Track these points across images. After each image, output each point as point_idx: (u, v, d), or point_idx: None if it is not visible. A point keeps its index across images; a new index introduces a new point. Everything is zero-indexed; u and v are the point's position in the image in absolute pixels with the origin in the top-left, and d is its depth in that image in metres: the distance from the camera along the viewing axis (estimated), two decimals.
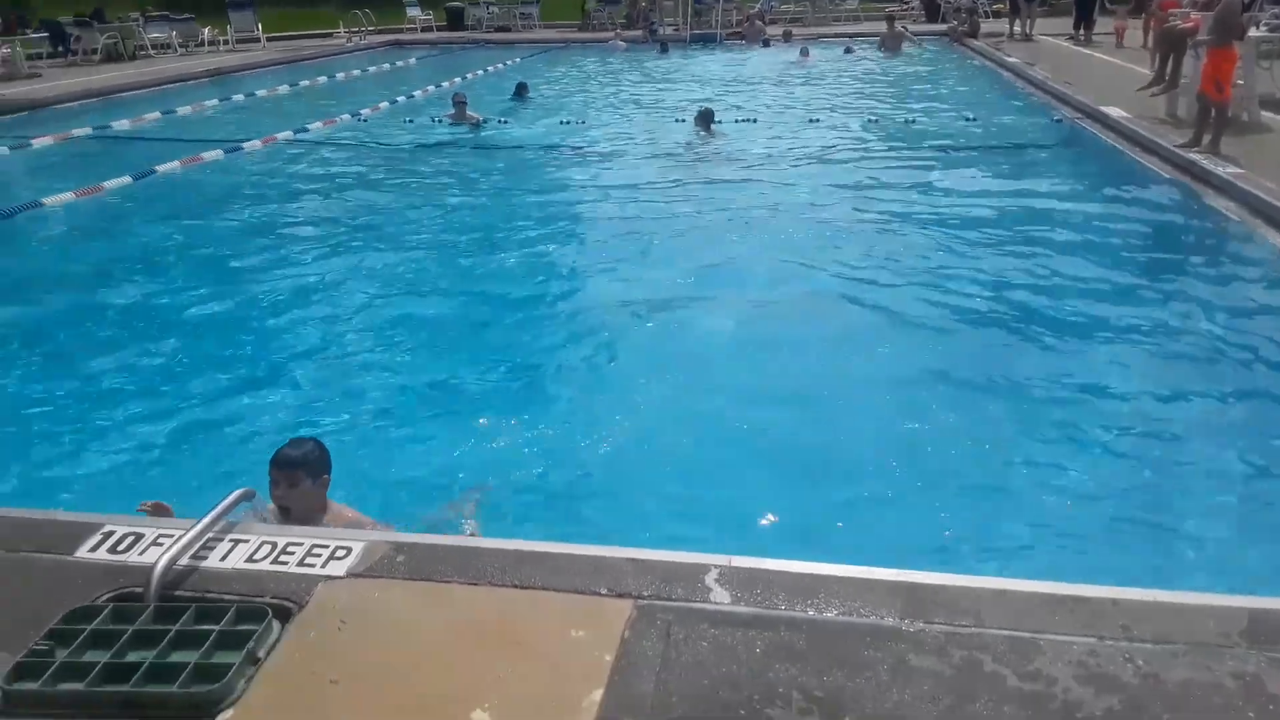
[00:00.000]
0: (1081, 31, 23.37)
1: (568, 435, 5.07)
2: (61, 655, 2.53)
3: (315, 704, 2.41)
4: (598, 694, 2.39)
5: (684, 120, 15.01)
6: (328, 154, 13.60)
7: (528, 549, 3.03)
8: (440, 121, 15.42)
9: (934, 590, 2.79)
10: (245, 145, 13.57)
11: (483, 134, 14.71)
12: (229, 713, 2.39)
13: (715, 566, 2.88)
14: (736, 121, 14.87)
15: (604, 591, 2.80)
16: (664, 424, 5.17)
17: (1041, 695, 2.39)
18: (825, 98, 17.59)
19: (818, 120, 15.07)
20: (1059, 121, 14.23)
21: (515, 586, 2.85)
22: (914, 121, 14.79)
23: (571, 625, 2.67)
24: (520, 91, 18.04)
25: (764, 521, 4.15)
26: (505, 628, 2.68)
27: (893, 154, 12.59)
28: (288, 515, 3.72)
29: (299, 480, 3.64)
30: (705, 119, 14.15)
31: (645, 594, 2.78)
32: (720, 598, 2.76)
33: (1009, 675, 2.46)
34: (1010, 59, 20.25)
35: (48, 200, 10.40)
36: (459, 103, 15.36)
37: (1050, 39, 23.74)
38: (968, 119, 14.72)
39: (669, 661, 2.50)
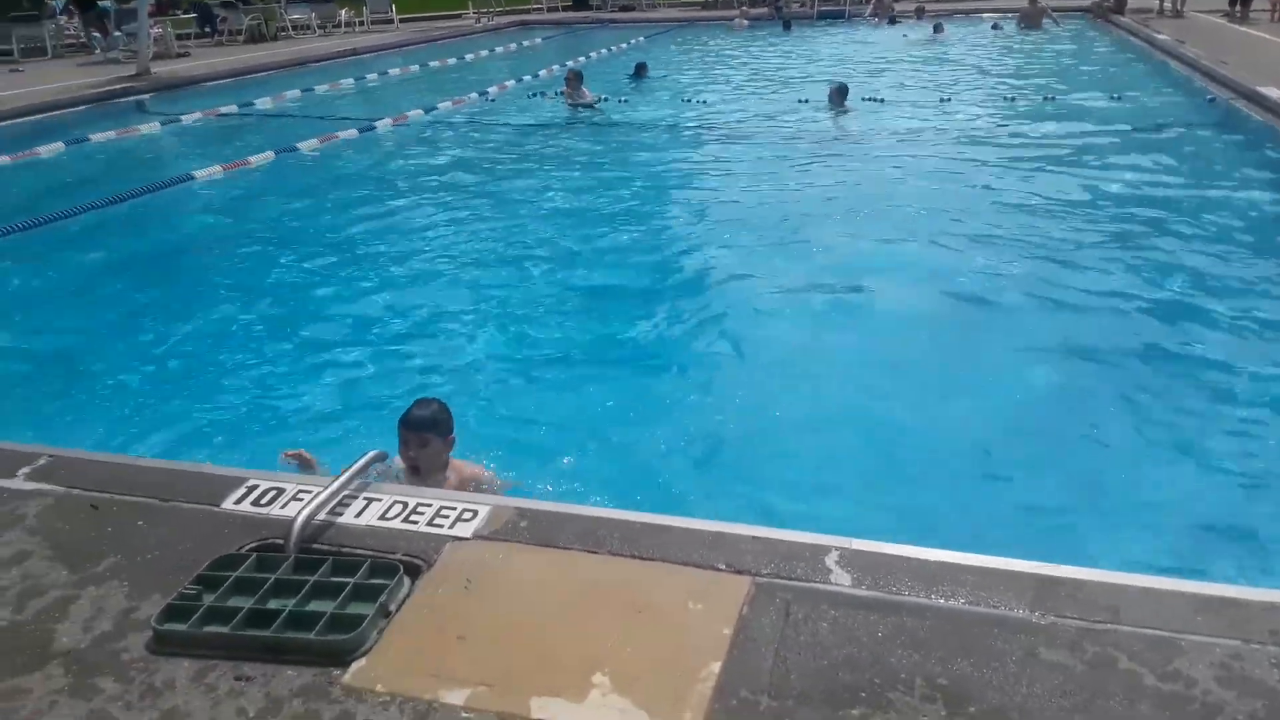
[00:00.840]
0: (1237, 7, 21.98)
1: (685, 411, 5.10)
2: (208, 600, 2.69)
3: (443, 658, 2.49)
4: (716, 666, 2.40)
5: (808, 101, 14.76)
6: (455, 133, 13.92)
7: (648, 521, 3.06)
8: (553, 98, 15.33)
9: (1069, 584, 2.69)
10: (378, 124, 14.01)
11: (602, 114, 14.76)
12: (361, 661, 2.49)
13: (836, 548, 2.85)
14: (864, 100, 14.55)
15: (723, 567, 2.80)
16: (783, 405, 5.13)
17: (1180, 696, 2.28)
18: (959, 76, 17.05)
19: (950, 99, 14.61)
20: (1212, 102, 13.43)
21: (635, 557, 2.88)
22: (1053, 99, 14.18)
23: (690, 597, 2.68)
24: (640, 71, 18.04)
25: (883, 506, 4.08)
26: (624, 596, 2.71)
27: (1031, 135, 12.12)
28: (417, 473, 3.86)
29: (429, 440, 3.81)
30: (840, 94, 13.86)
31: (764, 571, 2.77)
32: (841, 579, 2.72)
33: (1145, 674, 2.35)
34: (1160, 36, 19.20)
35: (199, 173, 10.97)
36: (572, 80, 15.19)
37: (1203, 15, 22.37)
38: (1113, 99, 14.03)
39: (787, 639, 2.49)
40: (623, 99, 15.77)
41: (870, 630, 2.51)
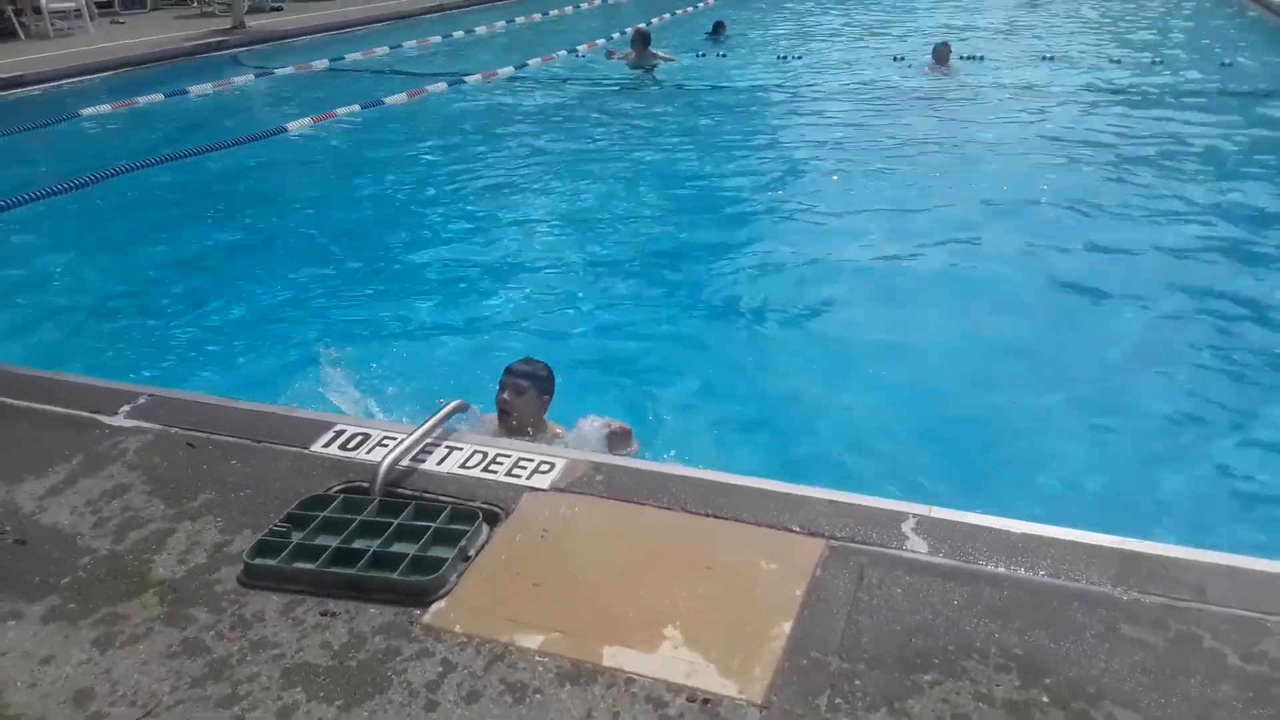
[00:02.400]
0: None
1: (766, 374, 5.08)
2: (297, 537, 2.79)
3: (519, 604, 2.55)
4: (787, 625, 2.41)
5: (903, 59, 14.37)
6: (544, 90, 13.92)
7: (722, 480, 3.07)
8: (616, 59, 14.57)
9: (1153, 561, 2.62)
10: (467, 79, 14.09)
11: (678, 74, 14.51)
12: (441, 603, 2.56)
13: (914, 515, 2.82)
14: (963, 59, 14.11)
15: (796, 528, 2.80)
16: (866, 374, 5.07)
17: (1265, 678, 2.22)
18: (1061, 34, 16.36)
19: (1052, 58, 14.06)
20: None
21: (708, 515, 2.89)
22: (1160, 63, 13.56)
23: (762, 557, 2.69)
24: (718, 30, 17.65)
25: (962, 475, 4.02)
26: (697, 553, 2.73)
27: (1135, 98, 11.61)
28: (506, 420, 3.94)
29: (525, 390, 3.92)
30: (943, 53, 13.44)
31: (839, 535, 2.76)
32: (917, 546, 2.70)
33: (1229, 654, 2.29)
34: None
35: (290, 125, 11.21)
36: (638, 42, 14.33)
37: None
38: (1224, 64, 13.36)
39: (860, 602, 2.49)
40: (700, 54, 15.49)
41: (946, 598, 2.49)
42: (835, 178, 8.94)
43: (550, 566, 2.70)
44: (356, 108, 12.12)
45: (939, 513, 2.83)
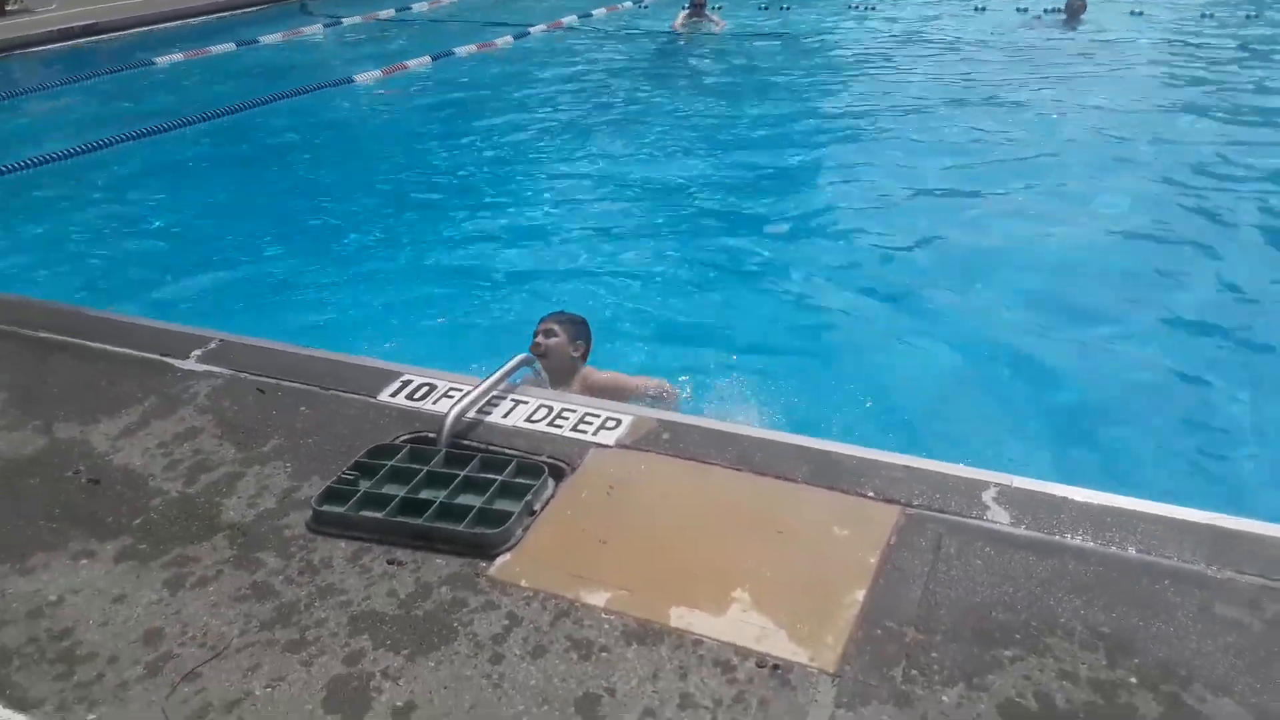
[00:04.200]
0: None
1: (836, 338, 4.95)
2: (365, 485, 2.78)
3: (585, 559, 2.51)
4: (860, 593, 2.34)
5: (1026, 10, 13.81)
6: (610, 39, 13.76)
7: (793, 441, 2.98)
8: (671, 27, 13.79)
9: (1248, 539, 2.48)
10: (532, 29, 13.97)
11: (748, 25, 14.11)
12: (506, 556, 2.54)
13: (995, 484, 2.71)
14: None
15: (871, 494, 2.71)
16: (942, 339, 4.91)
17: None
18: None
19: (1212, 15, 13.34)
20: None
21: (779, 477, 2.81)
22: None
23: (835, 522, 2.61)
24: None
25: (1045, 448, 3.87)
26: (766, 515, 2.66)
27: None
28: (544, 364, 3.95)
29: (555, 331, 4.00)
30: (1076, 9, 12.82)
31: (915, 502, 2.66)
32: (999, 517, 2.59)
33: None
34: None
35: (359, 76, 11.23)
36: (697, 7, 13.60)
37: None
38: None
39: (938, 573, 2.40)
40: (764, 6, 15.06)
41: (1028, 571, 2.39)
42: (916, 136, 8.64)
43: (616, 523, 2.66)
44: (427, 59, 12.10)
45: (1021, 482, 2.72)
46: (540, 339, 4.10)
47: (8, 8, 14.44)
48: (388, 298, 5.40)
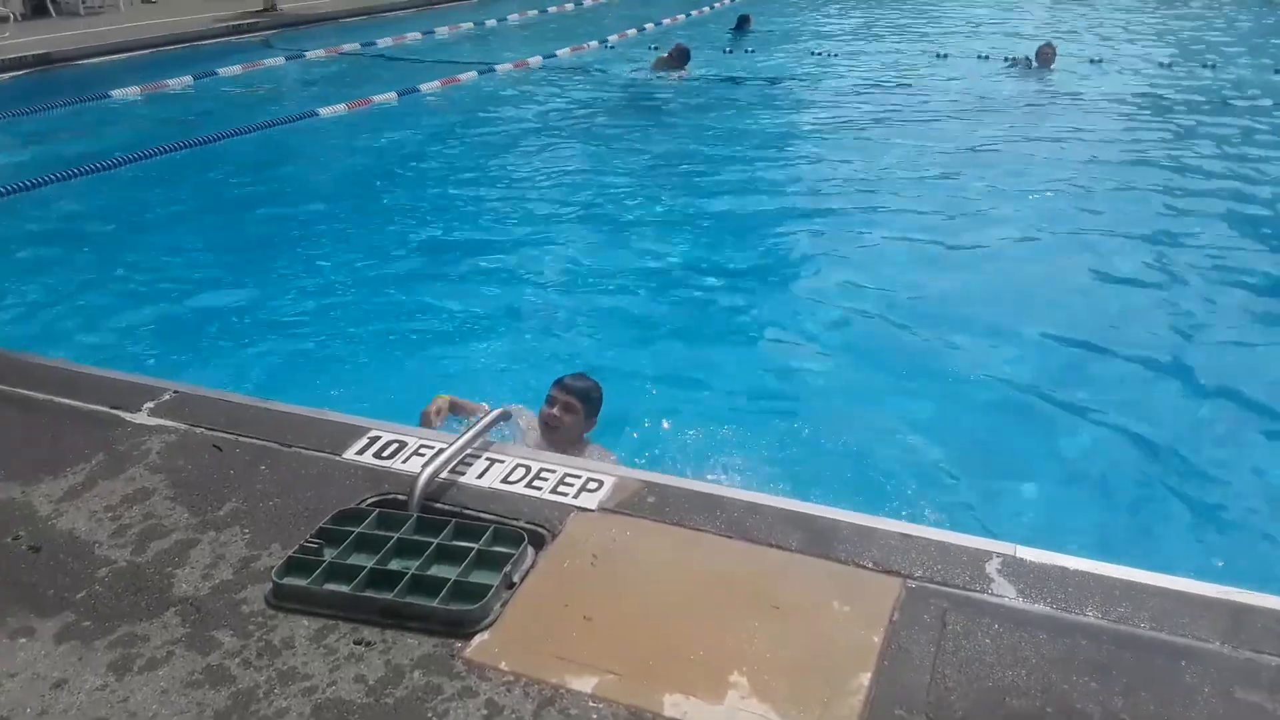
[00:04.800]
0: None
1: (822, 397, 4.80)
2: (330, 555, 2.59)
3: (569, 638, 2.34)
4: (865, 677, 2.19)
5: (989, 57, 14.04)
6: (575, 80, 13.73)
7: (786, 507, 2.84)
8: (642, 69, 13.74)
9: (1266, 615, 2.38)
10: (498, 68, 13.90)
11: (711, 69, 14.15)
12: (485, 635, 2.36)
13: (998, 554, 2.59)
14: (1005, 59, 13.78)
15: (870, 565, 2.58)
16: (932, 399, 4.78)
17: None
18: (1162, 37, 15.81)
19: (1170, 65, 13.58)
20: None
21: (773, 545, 2.67)
22: (1213, 65, 13.22)
23: (834, 597, 2.47)
24: (742, 24, 17.28)
25: (1047, 513, 3.76)
26: (761, 589, 2.51)
27: (1260, 115, 11.09)
28: (548, 435, 3.75)
29: (576, 409, 3.74)
30: (1046, 56, 13.03)
31: (916, 574, 2.53)
32: (1004, 590, 2.47)
33: None
34: None
35: (323, 110, 11.04)
36: (675, 56, 13.41)
37: None
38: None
39: (945, 653, 2.26)
40: (728, 50, 15.09)
41: (1040, 651, 2.26)
42: (892, 183, 8.58)
43: (602, 597, 2.49)
44: (392, 95, 11.95)
45: (1025, 553, 2.60)
46: (558, 412, 3.80)
47: None
48: (351, 343, 5.21)
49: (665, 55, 13.88)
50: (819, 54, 15.30)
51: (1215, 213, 7.58)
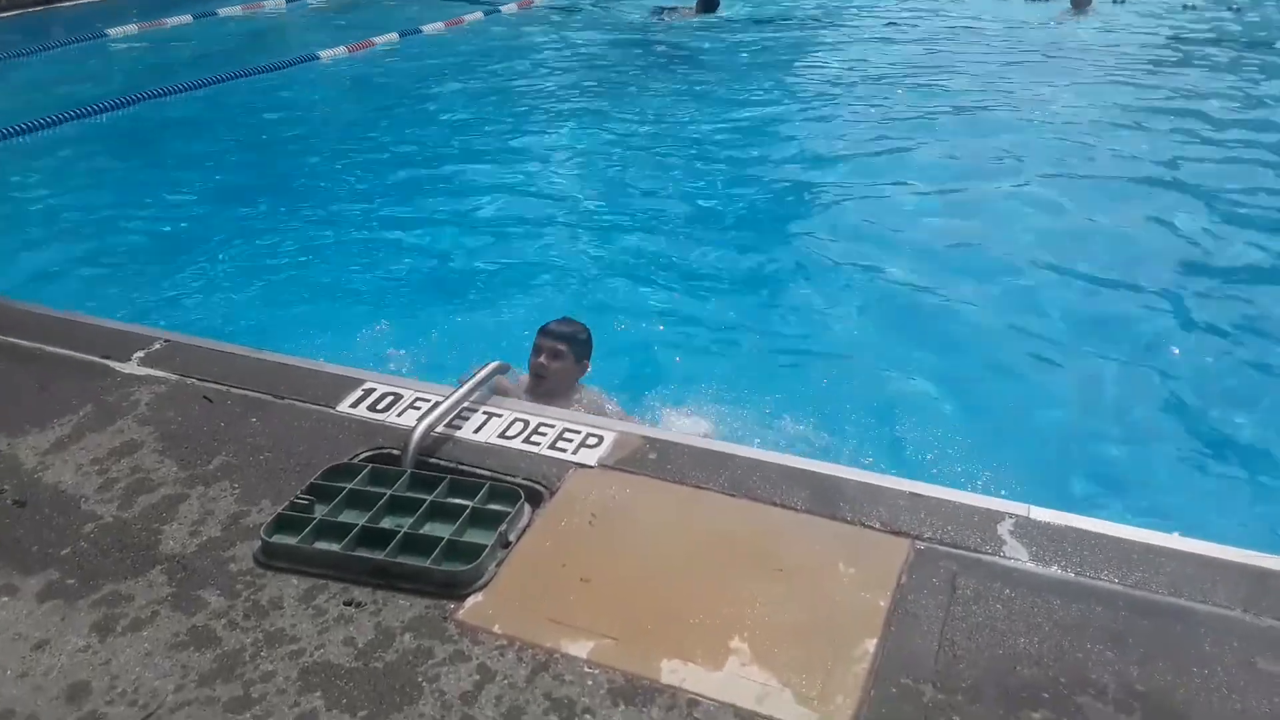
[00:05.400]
0: None
1: (839, 349, 4.65)
2: (321, 512, 2.52)
3: (565, 601, 2.27)
4: (871, 643, 2.11)
5: None
6: (581, 19, 13.39)
7: (792, 465, 2.75)
8: (663, 18, 13.06)
9: None
10: (503, 8, 13.58)
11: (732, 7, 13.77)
12: (478, 596, 2.29)
13: (1011, 515, 2.50)
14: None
15: (877, 525, 2.49)
16: (953, 354, 4.62)
17: None
18: None
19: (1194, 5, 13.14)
20: None
21: (777, 505, 2.58)
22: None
23: (840, 558, 2.38)
24: None
25: (1067, 473, 3.63)
26: (764, 549, 2.43)
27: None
28: (539, 385, 3.65)
29: (562, 354, 3.62)
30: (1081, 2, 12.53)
31: (925, 535, 2.44)
32: (1016, 553, 2.38)
33: None
34: None
35: (323, 53, 10.81)
36: (704, 5, 12.71)
37: None
38: None
39: (955, 619, 2.18)
40: None
41: (1053, 617, 2.18)
42: (916, 136, 8.21)
43: (600, 558, 2.41)
44: (394, 35, 11.68)
45: (1039, 514, 2.50)
46: (545, 360, 3.67)
47: None
48: (348, 292, 5.09)
49: (690, 9, 13.17)
50: None
51: (1253, 159, 7.32)
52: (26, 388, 3.22)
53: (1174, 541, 2.40)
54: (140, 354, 3.41)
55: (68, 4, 13.35)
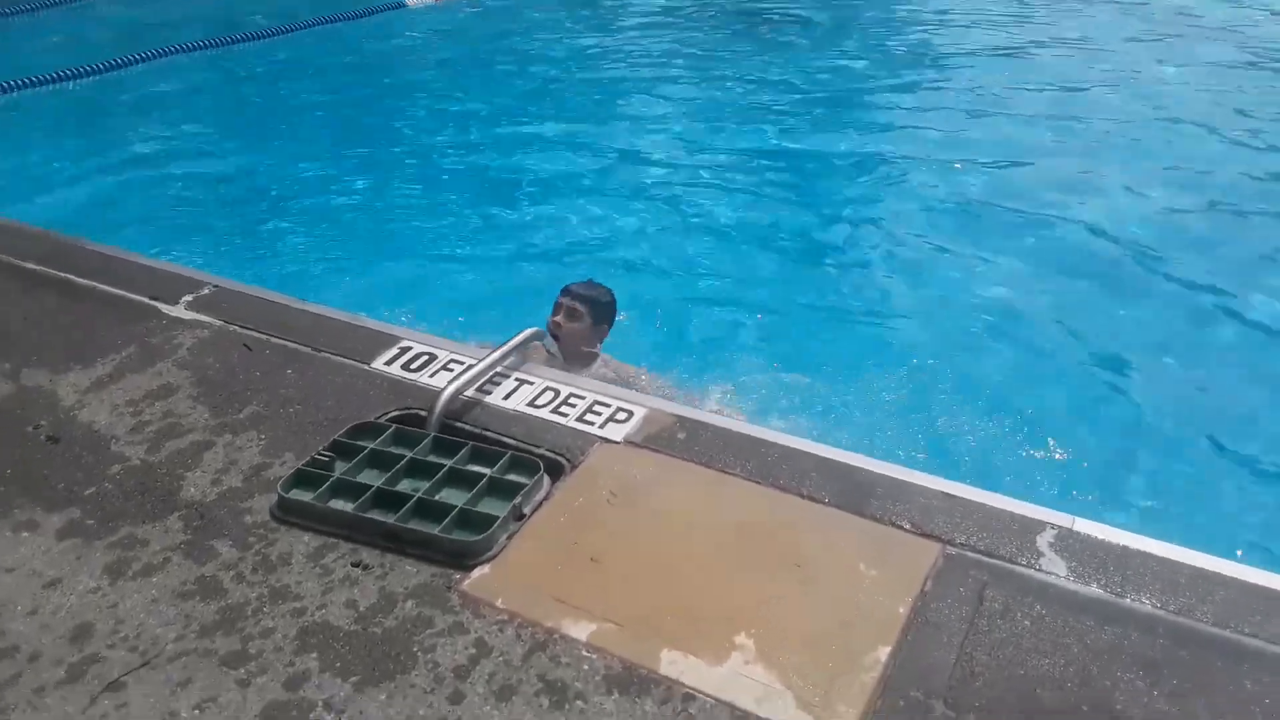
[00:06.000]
0: None
1: (882, 341, 4.47)
2: (340, 470, 2.50)
3: (572, 580, 2.21)
4: (884, 651, 2.01)
5: None
6: None
7: (824, 455, 2.63)
8: None
9: None
10: None
11: None
12: (485, 568, 2.24)
13: (1053, 525, 2.35)
14: None
15: (907, 526, 2.37)
16: (1008, 354, 4.41)
17: None
18: None
19: None
20: None
21: (804, 496, 2.48)
22: None
23: (862, 558, 2.27)
24: None
25: (1115, 485, 3.43)
26: (785, 541, 2.33)
27: None
28: (557, 342, 3.61)
29: (579, 315, 3.59)
30: None
31: (958, 540, 2.32)
32: (1054, 567, 2.24)
33: None
34: None
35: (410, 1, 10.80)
36: None
37: None
38: None
39: (978, 632, 2.06)
40: None
41: (1084, 639, 2.04)
42: (969, 116, 7.92)
43: (613, 538, 2.35)
44: None
45: (1084, 526, 2.35)
46: (560, 319, 3.65)
47: None
48: (403, 246, 5.07)
49: None
50: None
51: None
52: (76, 326, 3.27)
53: (1228, 568, 2.23)
54: (189, 298, 3.44)
55: None
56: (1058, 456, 3.53)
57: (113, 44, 8.97)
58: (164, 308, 3.38)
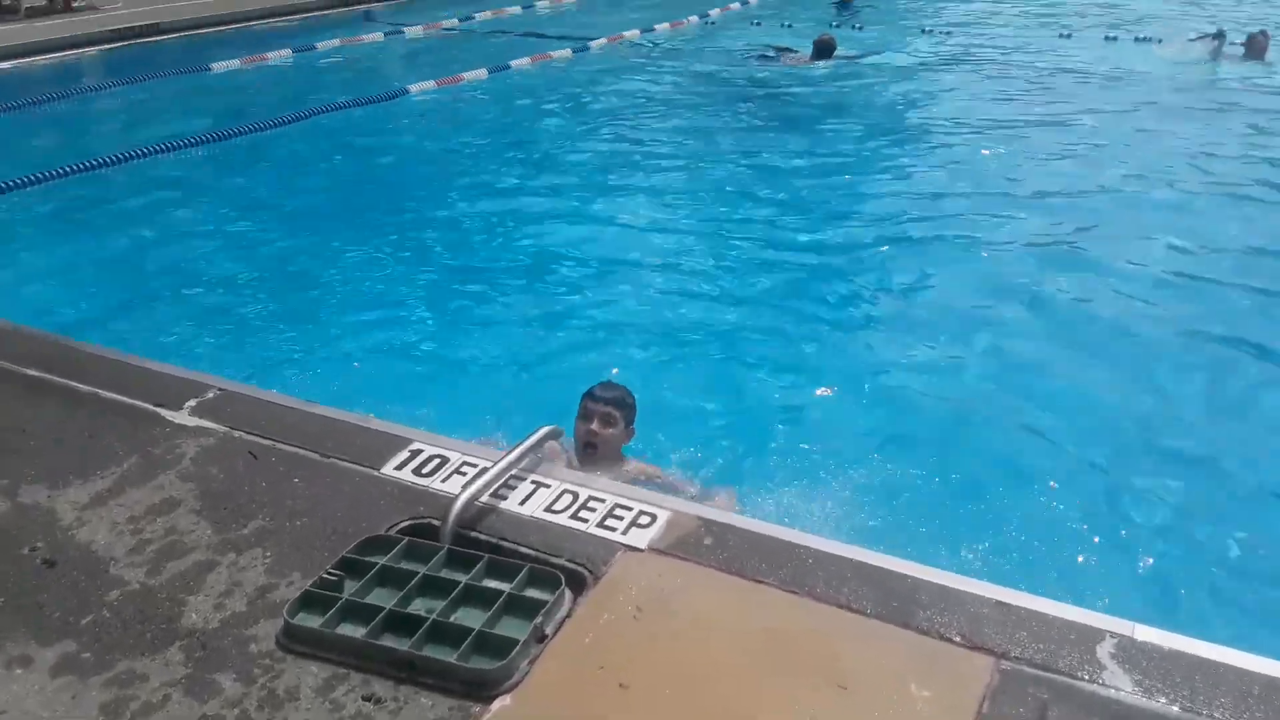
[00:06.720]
0: None
1: (915, 432, 4.32)
2: (349, 591, 2.36)
3: (601, 710, 2.06)
4: None
5: (1115, 38, 12.99)
6: (667, 58, 13.30)
7: (862, 559, 2.49)
8: (773, 57, 12.65)
9: None
10: (592, 44, 13.59)
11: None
12: (506, 699, 2.09)
13: (1112, 634, 2.20)
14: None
15: (957, 639, 2.21)
16: (1043, 443, 4.25)
17: None
18: None
19: None
20: None
21: (844, 607, 2.33)
22: None
23: (912, 677, 2.12)
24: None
25: (1177, 585, 3.24)
26: (826, 659, 2.18)
27: None
28: (590, 454, 3.47)
29: (615, 421, 3.45)
30: (1260, 46, 11.05)
31: (1012, 653, 2.16)
32: (1118, 681, 2.08)
33: None
34: None
35: (413, 87, 10.93)
36: (822, 49, 11.97)
37: None
38: None
39: None
40: (835, 25, 14.41)
41: None
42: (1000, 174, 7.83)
43: (642, 660, 2.20)
44: (483, 71, 11.75)
45: (1145, 633, 2.20)
46: (598, 427, 3.48)
47: (74, 4, 14.39)
48: (412, 337, 4.98)
49: (798, 55, 12.57)
50: (931, 31, 14.50)
51: None
52: (76, 434, 3.16)
53: None
54: (192, 403, 3.33)
55: (175, 36, 13.81)
56: (1107, 555, 3.36)
57: (114, 135, 9.06)
58: (167, 414, 3.27)
